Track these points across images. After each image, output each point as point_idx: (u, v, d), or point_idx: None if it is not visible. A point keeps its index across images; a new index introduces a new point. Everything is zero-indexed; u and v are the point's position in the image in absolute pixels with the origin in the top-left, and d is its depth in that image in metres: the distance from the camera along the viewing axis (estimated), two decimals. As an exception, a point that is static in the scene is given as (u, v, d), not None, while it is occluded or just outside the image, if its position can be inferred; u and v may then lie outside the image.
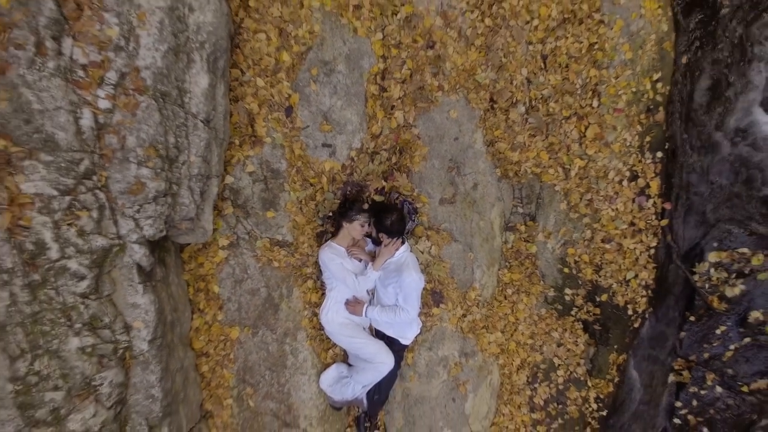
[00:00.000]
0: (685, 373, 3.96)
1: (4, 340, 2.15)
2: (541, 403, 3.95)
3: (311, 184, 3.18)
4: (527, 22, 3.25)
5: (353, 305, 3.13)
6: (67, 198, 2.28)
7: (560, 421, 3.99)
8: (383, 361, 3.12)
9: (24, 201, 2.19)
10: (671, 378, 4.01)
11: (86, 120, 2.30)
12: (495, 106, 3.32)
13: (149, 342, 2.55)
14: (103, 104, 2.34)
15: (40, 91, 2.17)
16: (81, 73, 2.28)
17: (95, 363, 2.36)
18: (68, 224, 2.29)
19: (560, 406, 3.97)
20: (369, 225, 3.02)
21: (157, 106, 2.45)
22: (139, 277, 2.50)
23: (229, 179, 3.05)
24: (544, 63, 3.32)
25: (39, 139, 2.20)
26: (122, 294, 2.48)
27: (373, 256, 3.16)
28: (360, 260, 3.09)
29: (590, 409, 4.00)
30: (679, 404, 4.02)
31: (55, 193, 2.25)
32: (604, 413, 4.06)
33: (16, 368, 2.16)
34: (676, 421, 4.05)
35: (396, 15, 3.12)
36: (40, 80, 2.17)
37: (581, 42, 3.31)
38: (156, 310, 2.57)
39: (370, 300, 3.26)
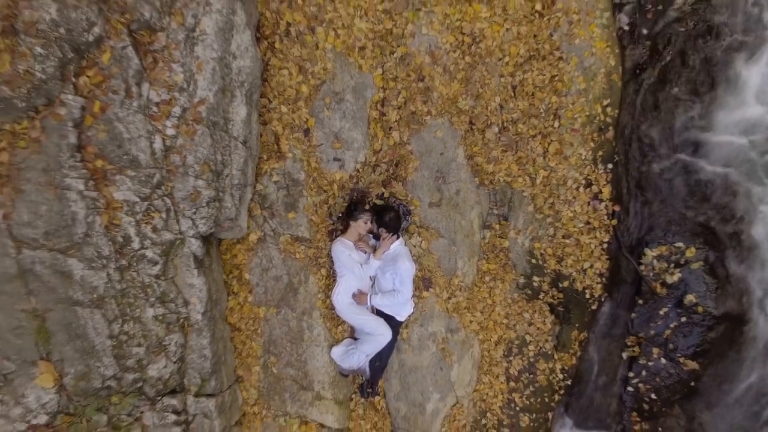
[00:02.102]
0: (636, 348, 4.69)
1: (103, 308, 2.91)
2: (516, 373, 4.70)
3: (324, 191, 3.93)
4: (500, 59, 4.00)
5: (360, 297, 3.87)
6: (145, 203, 3.03)
7: (532, 389, 4.74)
8: (383, 333, 3.87)
9: (116, 205, 2.94)
10: (625, 353, 4.76)
11: (158, 144, 3.05)
12: (473, 127, 4.07)
13: (202, 314, 3.29)
14: (170, 132, 3.09)
15: (128, 124, 2.92)
16: (155, 109, 3.03)
17: (165, 328, 3.11)
18: (146, 223, 3.04)
19: (531, 376, 4.72)
20: (371, 222, 3.77)
21: (209, 133, 3.19)
22: (195, 264, 3.24)
23: (258, 187, 3.80)
24: (514, 92, 4.07)
25: (126, 160, 2.95)
26: (182, 276, 3.23)
27: (375, 249, 3.91)
28: (365, 252, 3.83)
29: (557, 378, 4.75)
30: (631, 374, 4.75)
31: (137, 199, 3.00)
32: (569, 382, 4.81)
33: (112, 329, 2.91)
34: (630, 389, 4.79)
35: (393, 54, 3.87)
36: (127, 116, 2.92)
37: (544, 75, 4.06)
38: (206, 289, 3.31)
39: (372, 285, 4.00)
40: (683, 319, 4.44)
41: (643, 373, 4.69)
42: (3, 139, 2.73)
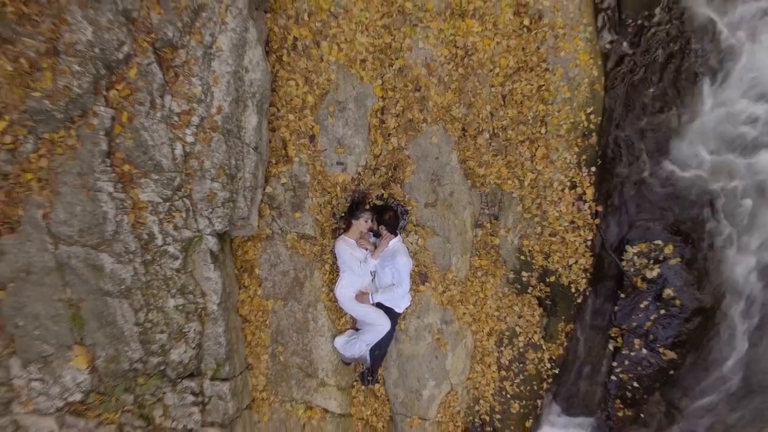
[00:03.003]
0: (619, 339, 5.01)
1: (130, 298, 3.23)
2: (507, 362, 5.03)
3: (328, 192, 4.25)
4: (490, 70, 4.32)
5: (362, 297, 4.18)
6: (167, 204, 3.35)
7: (521, 377, 5.07)
8: (383, 324, 4.19)
9: (141, 206, 3.27)
10: (609, 343, 5.09)
11: (178, 150, 3.37)
12: (466, 133, 4.40)
13: (218, 305, 3.61)
14: (189, 139, 3.41)
15: (152, 132, 3.25)
16: (176, 118, 3.35)
17: (184, 317, 3.44)
18: (168, 221, 3.36)
19: (521, 366, 5.04)
20: (372, 221, 4.09)
21: (224, 139, 3.51)
22: (211, 259, 3.57)
23: (268, 189, 4.12)
24: (504, 101, 4.39)
25: (151, 164, 3.27)
26: (200, 270, 3.55)
27: (375, 246, 4.23)
28: (366, 249, 4.15)
29: (545, 367, 5.07)
30: (615, 364, 5.08)
31: (160, 200, 3.32)
32: (557, 371, 5.13)
33: (138, 317, 3.23)
34: (613, 377, 5.11)
35: (392, 66, 4.19)
36: (152, 125, 3.24)
37: (532, 84, 4.38)
38: (221, 282, 3.64)
39: (372, 280, 4.31)
40: (662, 312, 4.76)
41: (626, 362, 5.01)
42: (43, 146, 3.06)
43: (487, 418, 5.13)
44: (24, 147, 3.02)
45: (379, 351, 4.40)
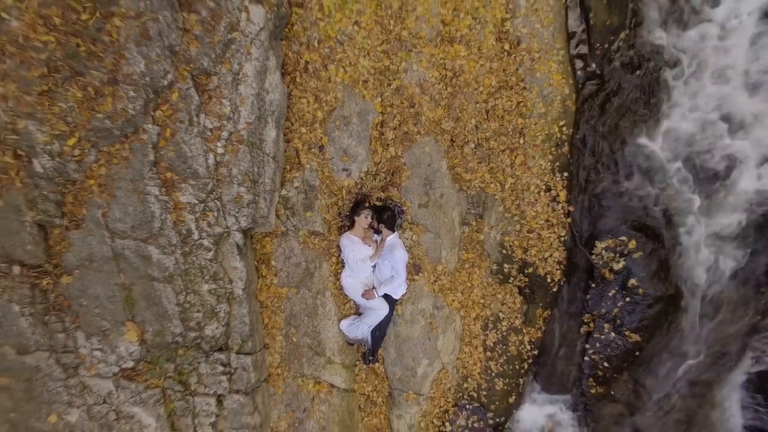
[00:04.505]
0: (591, 323, 5.67)
1: (172, 283, 3.89)
2: (491, 344, 5.69)
3: (335, 194, 4.91)
4: (475, 89, 4.98)
5: (368, 293, 4.82)
6: (202, 204, 4.01)
7: (505, 357, 5.73)
8: (382, 308, 4.85)
9: (181, 206, 3.93)
10: (582, 328, 5.75)
11: (211, 160, 4.03)
12: (454, 143, 5.06)
13: (242, 290, 4.27)
14: (220, 150, 4.06)
15: (190, 145, 3.90)
16: (209, 133, 4.01)
17: (216, 299, 4.10)
18: (202, 219, 4.02)
19: (504, 347, 5.70)
20: (372, 218, 4.75)
21: (249, 150, 4.17)
22: (237, 251, 4.22)
23: (283, 192, 4.78)
24: (487, 115, 5.06)
25: (189, 172, 3.93)
26: (228, 260, 4.20)
27: (377, 243, 4.88)
28: (369, 245, 4.80)
29: (526, 349, 5.74)
30: (587, 346, 5.74)
31: (196, 201, 3.98)
32: (536, 353, 5.80)
33: (179, 298, 3.90)
34: (586, 358, 5.77)
35: (390, 86, 4.85)
36: (190, 139, 3.90)
37: (511, 101, 5.04)
38: (246, 271, 4.29)
39: (372, 271, 4.95)
40: (627, 299, 5.42)
41: (597, 345, 5.67)
42: (102, 158, 3.72)
43: (475, 395, 5.79)
44: (88, 158, 3.68)
45: (379, 332, 5.06)
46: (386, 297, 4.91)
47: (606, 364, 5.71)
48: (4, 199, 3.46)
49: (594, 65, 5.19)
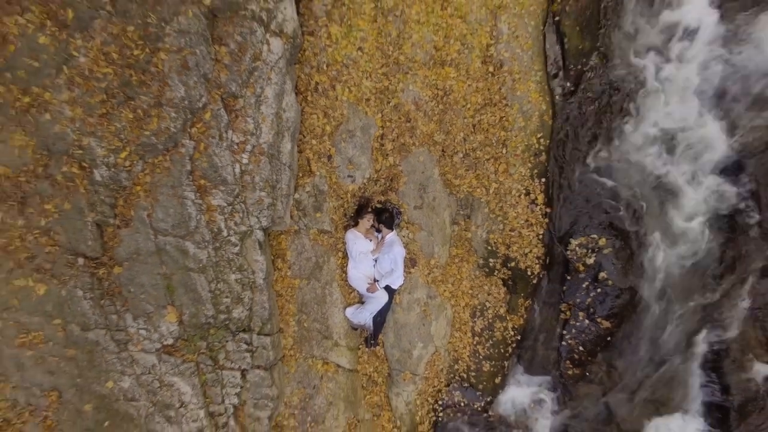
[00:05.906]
0: (567, 312, 6.38)
1: (206, 273, 4.61)
2: (479, 330, 6.41)
3: (341, 198, 5.63)
4: (463, 106, 5.71)
5: (372, 287, 5.54)
6: (230, 207, 4.73)
7: (491, 342, 6.45)
8: (383, 296, 5.57)
9: (213, 208, 4.64)
10: (559, 315, 6.46)
11: (237, 169, 4.74)
12: (445, 153, 5.79)
13: (263, 279, 4.98)
14: (245, 161, 4.78)
15: (220, 157, 4.62)
16: (236, 146, 4.72)
17: (241, 287, 4.82)
18: (230, 219, 4.74)
19: (490, 333, 6.42)
20: (373, 219, 5.47)
21: (269, 161, 4.88)
22: (259, 246, 4.93)
23: (296, 195, 5.50)
24: (474, 129, 5.78)
25: (219, 179, 4.65)
26: (251, 254, 4.92)
27: (378, 240, 5.60)
28: (370, 241, 5.53)
29: (510, 334, 6.45)
30: (565, 332, 6.44)
31: (225, 204, 4.70)
32: (519, 338, 6.51)
33: (211, 286, 4.62)
34: (564, 343, 6.48)
35: (389, 103, 5.58)
36: (220, 152, 4.62)
37: (495, 116, 5.77)
38: (266, 264, 5.00)
39: (374, 266, 5.67)
40: (599, 290, 6.13)
41: (573, 331, 6.37)
42: (147, 168, 4.44)
43: (465, 376, 6.51)
44: (136, 168, 4.40)
45: (380, 318, 5.78)
46: (386, 287, 5.63)
47: (581, 348, 6.40)
48: (71, 202, 4.18)
49: (568, 84, 5.92)
